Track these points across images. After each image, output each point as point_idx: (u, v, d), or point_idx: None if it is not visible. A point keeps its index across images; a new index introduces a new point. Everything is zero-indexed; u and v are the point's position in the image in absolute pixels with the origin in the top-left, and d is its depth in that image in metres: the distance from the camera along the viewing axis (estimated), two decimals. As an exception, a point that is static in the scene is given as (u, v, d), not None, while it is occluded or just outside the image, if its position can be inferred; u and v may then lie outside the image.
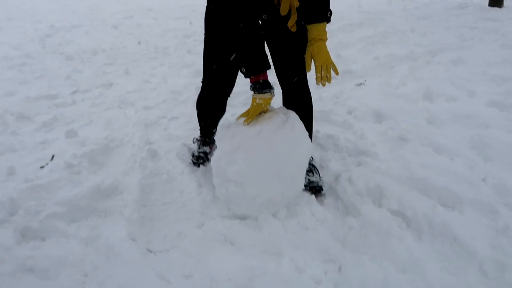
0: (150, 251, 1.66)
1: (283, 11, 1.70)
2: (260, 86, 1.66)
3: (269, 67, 1.69)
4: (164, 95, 3.38)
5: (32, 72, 4.17)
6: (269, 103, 1.76)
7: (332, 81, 3.35)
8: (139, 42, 5.55)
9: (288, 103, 2.00)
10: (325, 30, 1.70)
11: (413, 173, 2.02)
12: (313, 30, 1.69)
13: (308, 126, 1.99)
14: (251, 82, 1.69)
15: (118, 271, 1.54)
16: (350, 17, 6.81)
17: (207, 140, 2.32)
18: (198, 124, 2.28)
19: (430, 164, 2.10)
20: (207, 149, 2.30)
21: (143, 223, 1.81)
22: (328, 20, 1.70)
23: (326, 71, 1.70)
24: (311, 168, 2.05)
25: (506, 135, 2.32)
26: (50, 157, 2.40)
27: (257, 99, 1.69)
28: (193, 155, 2.30)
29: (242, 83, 3.41)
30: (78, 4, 10.99)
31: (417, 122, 2.63)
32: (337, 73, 1.75)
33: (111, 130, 2.74)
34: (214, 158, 1.72)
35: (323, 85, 1.73)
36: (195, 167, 2.23)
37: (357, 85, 3.41)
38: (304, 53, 1.78)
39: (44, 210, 1.85)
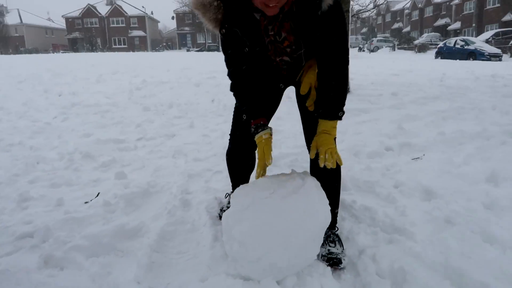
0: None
1: (303, 90, 1.75)
2: (258, 127, 1.74)
3: (255, 118, 1.76)
4: (216, 149, 3.51)
5: (111, 118, 4.66)
6: (270, 135, 1.77)
7: (387, 153, 3.28)
8: (212, 100, 5.95)
9: (315, 168, 1.93)
10: (334, 127, 1.68)
11: (449, 260, 1.78)
12: (322, 124, 1.67)
13: (334, 194, 1.92)
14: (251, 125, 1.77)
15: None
16: (428, 90, 6.60)
17: None
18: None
19: (474, 254, 1.85)
20: None
21: (152, 268, 1.82)
22: (339, 119, 1.68)
23: (330, 156, 1.64)
24: (334, 239, 1.94)
25: None
26: (96, 194, 2.59)
27: (261, 137, 1.73)
28: (221, 209, 2.31)
29: (286, 146, 3.48)
30: (175, 64, 12.26)
31: (471, 205, 2.36)
32: (340, 163, 1.70)
33: (157, 177, 2.89)
34: (224, 214, 1.71)
35: (327, 166, 1.64)
36: (221, 221, 2.23)
37: (413, 159, 3.21)
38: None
39: (71, 242, 1.97)
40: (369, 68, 12.01)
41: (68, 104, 5.59)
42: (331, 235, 1.96)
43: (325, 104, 1.65)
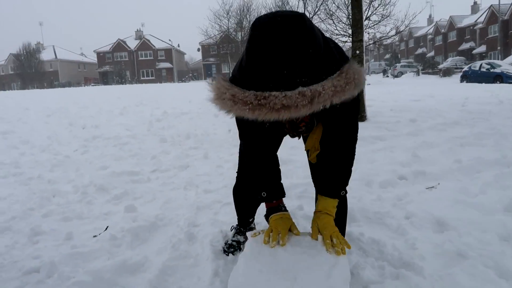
0: None
1: (306, 147, 1.72)
2: (272, 210, 1.64)
3: (281, 197, 1.67)
4: (227, 180, 3.51)
5: (129, 150, 4.78)
6: (289, 221, 1.62)
7: (400, 182, 3.20)
8: (229, 130, 6.02)
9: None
10: (334, 207, 1.61)
11: (457, 299, 1.70)
12: (321, 202, 1.61)
13: (340, 226, 1.83)
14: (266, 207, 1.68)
15: None
16: (447, 115, 6.46)
17: (242, 229, 2.31)
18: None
19: (485, 291, 1.75)
20: (241, 238, 2.28)
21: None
22: (340, 199, 1.63)
23: (339, 241, 1.50)
24: None
25: None
26: (105, 228, 2.63)
27: (274, 219, 1.61)
28: (225, 243, 2.30)
29: (296, 176, 3.45)
30: (197, 94, 12.52)
31: (486, 238, 2.25)
32: (348, 247, 1.53)
33: (166, 209, 2.91)
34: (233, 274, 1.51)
35: (337, 253, 1.46)
36: (224, 255, 2.21)
37: (427, 188, 3.11)
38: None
39: (74, 278, 1.99)
40: (389, 94, 11.90)
41: (90, 137, 5.79)
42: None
43: (328, 181, 1.60)
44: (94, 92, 16.22)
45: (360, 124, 5.73)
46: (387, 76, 38.61)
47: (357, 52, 5.80)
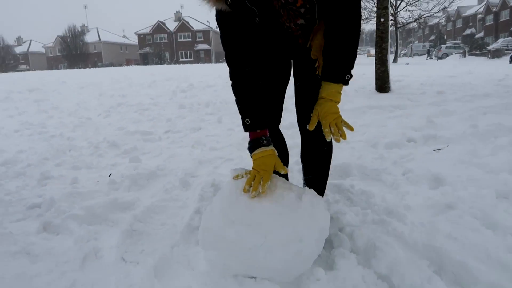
0: (124, 260, 1.72)
1: (314, 54, 1.59)
2: (259, 141, 1.50)
3: (264, 126, 1.53)
4: (234, 140, 3.56)
5: (148, 115, 4.93)
6: (273, 159, 1.49)
7: (408, 144, 3.11)
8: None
9: (305, 150, 1.85)
10: (339, 92, 1.47)
11: (431, 241, 1.66)
12: (325, 88, 1.46)
13: (322, 179, 1.86)
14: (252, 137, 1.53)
15: (86, 270, 1.64)
16: (480, 89, 6.13)
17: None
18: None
19: (463, 236, 1.70)
20: None
21: (132, 235, 1.90)
22: (345, 83, 1.47)
23: (338, 129, 1.43)
24: None
25: None
26: (108, 175, 2.76)
27: (256, 158, 1.50)
28: None
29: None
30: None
31: (482, 192, 2.15)
32: (351, 129, 1.46)
33: (168, 162, 3.01)
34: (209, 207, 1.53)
35: (337, 140, 1.44)
36: (210, 197, 2.26)
37: (435, 150, 3.01)
38: None
39: (69, 212, 2.12)
40: (425, 71, 11.43)
41: (115, 104, 6.01)
42: None
43: (331, 65, 1.45)
44: (132, 70, 16.69)
45: (383, 94, 5.62)
46: (431, 58, 36.90)
47: (382, 20, 5.60)
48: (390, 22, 24.94)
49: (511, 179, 2.33)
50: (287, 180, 1.81)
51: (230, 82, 1.57)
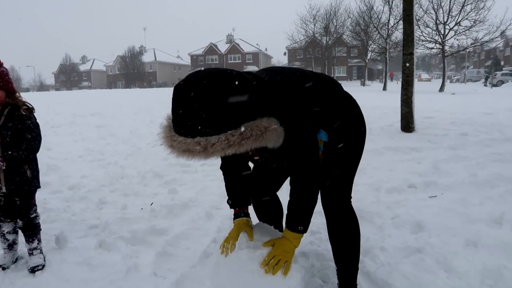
0: (156, 275, 2.33)
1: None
2: (235, 215, 1.95)
3: (241, 206, 1.94)
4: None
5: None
6: (247, 225, 1.89)
7: (408, 190, 3.52)
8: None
9: (330, 232, 1.97)
10: (295, 238, 1.71)
11: (388, 279, 2.12)
12: (285, 231, 1.72)
13: (351, 256, 1.93)
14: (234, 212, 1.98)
15: (128, 280, 2.26)
16: (508, 131, 6.27)
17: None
18: None
19: (415, 277, 2.14)
20: None
21: (163, 256, 2.51)
22: (299, 233, 1.70)
23: (275, 263, 1.66)
24: None
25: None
26: (150, 203, 3.42)
27: (235, 225, 1.92)
28: None
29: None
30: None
31: (452, 240, 2.55)
32: (285, 274, 1.67)
33: (199, 195, 3.63)
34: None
35: (266, 271, 1.65)
36: (225, 228, 2.83)
37: (430, 197, 3.39)
38: (350, 173, 1.85)
39: (119, 233, 2.78)
40: (464, 106, 11.43)
41: (162, 134, 6.80)
42: None
43: (289, 214, 1.70)
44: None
45: (406, 134, 6.00)
46: (485, 85, 35.54)
47: (407, 64, 6.00)
48: (438, 50, 24.80)
49: (484, 229, 2.70)
50: None
51: None
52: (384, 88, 27.51)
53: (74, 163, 5.00)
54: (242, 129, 1.33)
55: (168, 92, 20.58)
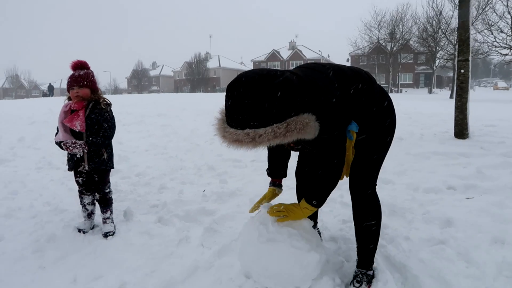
0: (202, 246, 2.74)
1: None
2: (271, 183, 2.38)
3: (276, 177, 2.35)
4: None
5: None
6: (274, 194, 2.35)
7: (446, 191, 3.64)
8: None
9: (355, 213, 2.20)
10: (305, 207, 1.93)
11: (406, 262, 2.34)
12: (302, 201, 1.95)
13: (370, 237, 2.17)
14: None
15: (180, 247, 2.69)
16: None
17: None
18: None
19: (431, 261, 2.33)
20: None
21: (210, 231, 2.92)
22: (312, 205, 1.91)
23: (278, 209, 2.01)
24: (361, 279, 2.18)
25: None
26: (203, 190, 3.88)
27: (273, 189, 2.37)
28: None
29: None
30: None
31: (477, 236, 2.65)
32: (272, 215, 2.02)
33: (246, 186, 4.02)
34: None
35: (268, 212, 2.04)
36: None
37: (467, 198, 3.48)
38: (376, 164, 2.05)
39: (175, 212, 3.26)
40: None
41: (219, 133, 7.35)
42: (359, 275, 2.20)
43: (310, 188, 1.92)
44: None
45: (459, 141, 5.97)
46: None
47: (462, 71, 5.95)
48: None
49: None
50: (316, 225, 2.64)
51: None
52: (451, 96, 26.23)
53: (141, 156, 5.65)
54: (287, 123, 1.52)
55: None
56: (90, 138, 2.71)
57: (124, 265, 2.46)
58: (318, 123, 1.60)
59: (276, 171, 2.35)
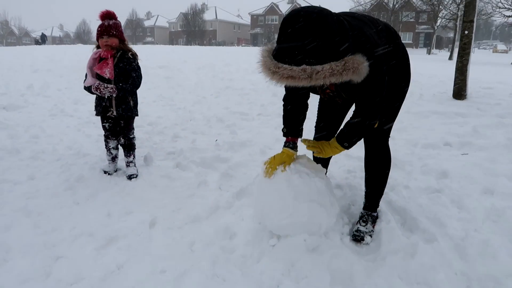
0: (220, 189, 3.00)
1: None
2: (285, 144, 2.21)
3: (293, 136, 2.18)
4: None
5: (247, 99, 6.28)
6: (289, 155, 2.17)
7: (443, 147, 3.89)
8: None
9: (367, 160, 2.36)
10: (336, 147, 2.01)
11: (406, 206, 2.62)
12: (332, 140, 2.03)
13: (379, 183, 2.38)
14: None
15: (199, 190, 2.95)
16: None
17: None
18: None
19: (428, 206, 2.61)
20: None
21: (226, 176, 3.17)
22: (342, 147, 1.99)
23: (315, 146, 2.09)
24: (367, 219, 2.39)
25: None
26: (215, 140, 4.10)
27: (281, 152, 2.20)
28: None
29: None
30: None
31: (469, 187, 2.93)
32: (308, 148, 2.12)
33: (255, 137, 4.24)
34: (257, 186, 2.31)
35: (306, 144, 2.13)
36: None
37: (462, 154, 3.74)
38: (392, 114, 2.18)
39: (191, 159, 3.49)
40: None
41: (223, 87, 7.49)
42: (365, 215, 2.40)
43: (343, 130, 1.97)
44: (241, 53, 18.38)
45: (457, 101, 6.19)
46: None
47: (466, 32, 6.05)
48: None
49: (503, 181, 3.06)
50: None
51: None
52: (450, 58, 26.14)
53: (150, 106, 5.81)
54: (345, 61, 1.51)
55: (228, 50, 21.35)
56: (120, 84, 2.87)
57: (151, 203, 2.72)
58: (368, 65, 1.60)
59: (295, 129, 2.19)
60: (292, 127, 2.18)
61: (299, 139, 2.23)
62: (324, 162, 2.65)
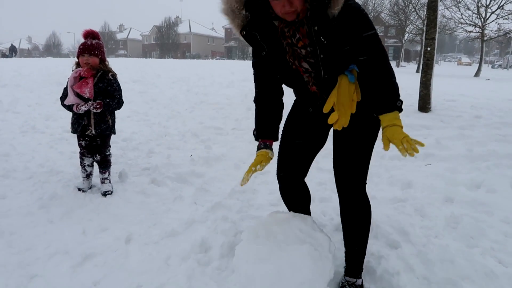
0: (195, 203, 3.07)
1: (326, 109, 1.72)
2: (259, 146, 1.94)
3: (267, 138, 1.94)
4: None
5: (222, 113, 6.37)
6: (266, 157, 1.90)
7: (408, 158, 4.06)
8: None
9: (343, 212, 1.97)
10: (397, 118, 1.60)
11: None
12: (384, 119, 1.62)
13: (359, 239, 1.94)
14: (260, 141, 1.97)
15: (175, 205, 3.00)
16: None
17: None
18: None
19: (393, 215, 2.77)
20: None
21: (201, 191, 3.24)
22: (399, 110, 1.62)
23: (409, 145, 1.54)
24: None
25: None
26: (190, 155, 4.17)
27: (264, 151, 1.92)
28: None
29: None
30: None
31: (431, 196, 3.13)
32: (422, 144, 1.56)
33: (230, 152, 4.35)
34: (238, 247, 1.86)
35: (411, 155, 1.54)
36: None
37: (426, 165, 3.96)
38: (366, 157, 1.91)
39: (166, 174, 3.54)
40: (492, 92, 11.53)
41: (198, 101, 7.57)
42: (347, 286, 1.93)
43: (379, 100, 1.62)
44: (215, 65, 18.51)
45: (422, 114, 6.48)
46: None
47: (428, 49, 6.40)
48: (478, 34, 24.17)
49: (463, 191, 3.28)
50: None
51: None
52: (418, 70, 27.15)
53: (124, 121, 5.81)
54: None
55: (202, 64, 21.49)
56: (107, 100, 2.93)
57: (127, 219, 2.75)
58: None
59: (269, 129, 1.95)
60: (265, 127, 1.95)
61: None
62: (303, 208, 2.16)
